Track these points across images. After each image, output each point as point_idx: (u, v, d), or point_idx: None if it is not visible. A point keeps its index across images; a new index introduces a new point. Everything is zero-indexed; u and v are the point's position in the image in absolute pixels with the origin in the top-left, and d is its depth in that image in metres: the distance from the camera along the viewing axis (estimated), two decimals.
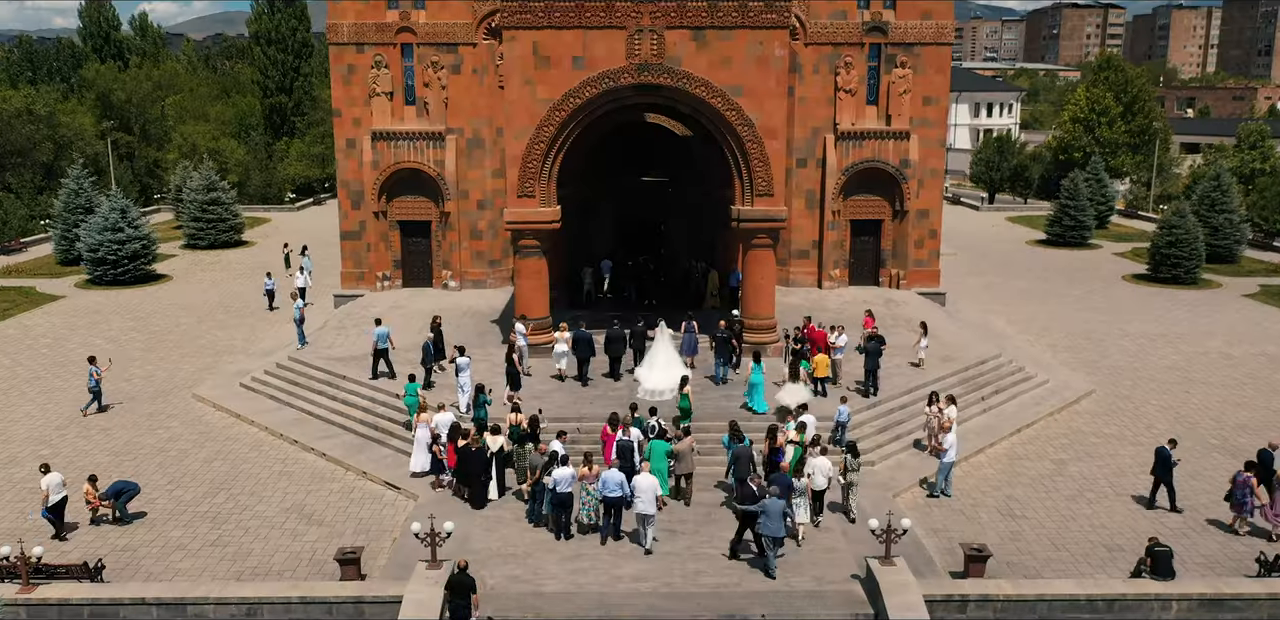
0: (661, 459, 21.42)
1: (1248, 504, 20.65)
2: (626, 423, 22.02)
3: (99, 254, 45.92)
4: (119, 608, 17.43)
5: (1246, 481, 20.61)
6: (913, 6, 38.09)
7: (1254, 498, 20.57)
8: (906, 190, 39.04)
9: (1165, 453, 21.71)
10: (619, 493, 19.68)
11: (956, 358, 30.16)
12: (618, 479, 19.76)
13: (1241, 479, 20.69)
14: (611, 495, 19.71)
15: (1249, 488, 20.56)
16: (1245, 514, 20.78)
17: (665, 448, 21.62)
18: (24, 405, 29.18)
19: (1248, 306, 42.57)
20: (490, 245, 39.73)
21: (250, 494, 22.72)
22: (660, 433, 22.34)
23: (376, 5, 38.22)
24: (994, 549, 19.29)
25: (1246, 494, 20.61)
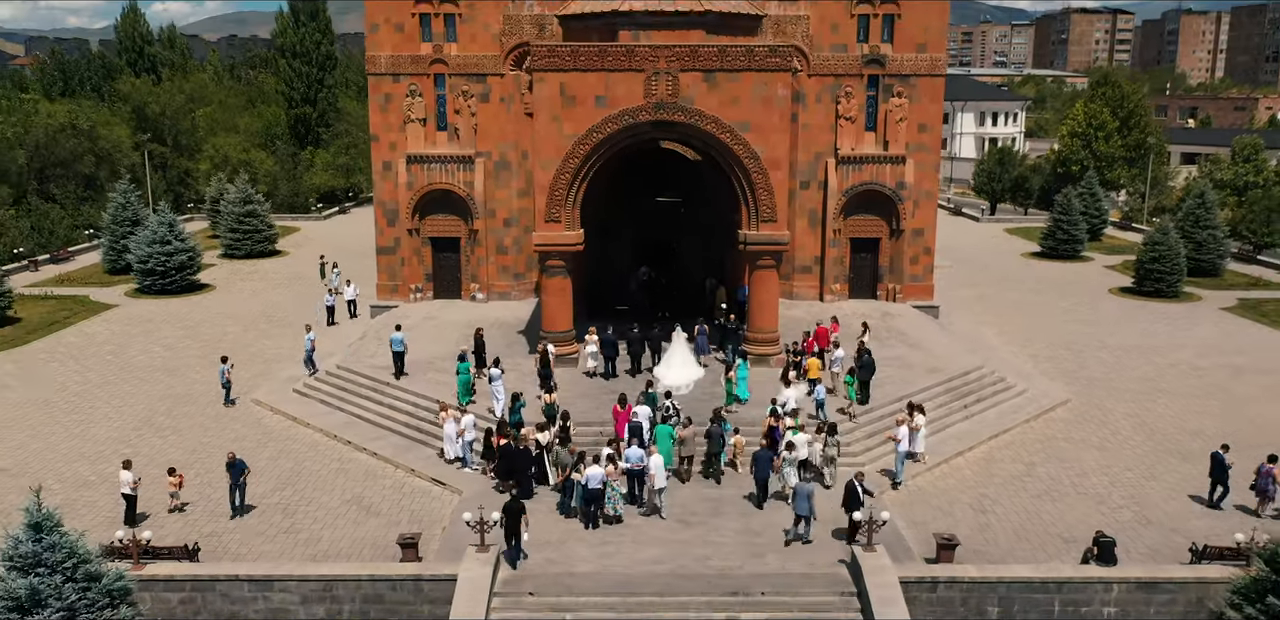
0: (666, 441, 25.08)
1: (1270, 491, 23.90)
2: (636, 403, 26.18)
3: (148, 265, 49.16)
4: (215, 583, 20.55)
5: (1270, 472, 23.90)
6: (908, 40, 41.05)
7: (1276, 486, 23.82)
8: (902, 211, 41.95)
9: (1220, 456, 24.75)
10: (641, 465, 23.62)
11: (943, 369, 33.10)
12: (638, 455, 23.82)
13: (1265, 469, 23.97)
14: (634, 468, 23.71)
15: (1272, 477, 23.88)
16: (1270, 499, 24.04)
17: (669, 431, 25.25)
18: (101, 408, 32.37)
19: (1224, 319, 45.41)
20: (515, 260, 42.80)
21: (314, 488, 25.86)
22: (673, 414, 26.08)
23: (412, 38, 41.34)
24: (964, 539, 22.27)
25: (1269, 482, 23.91)
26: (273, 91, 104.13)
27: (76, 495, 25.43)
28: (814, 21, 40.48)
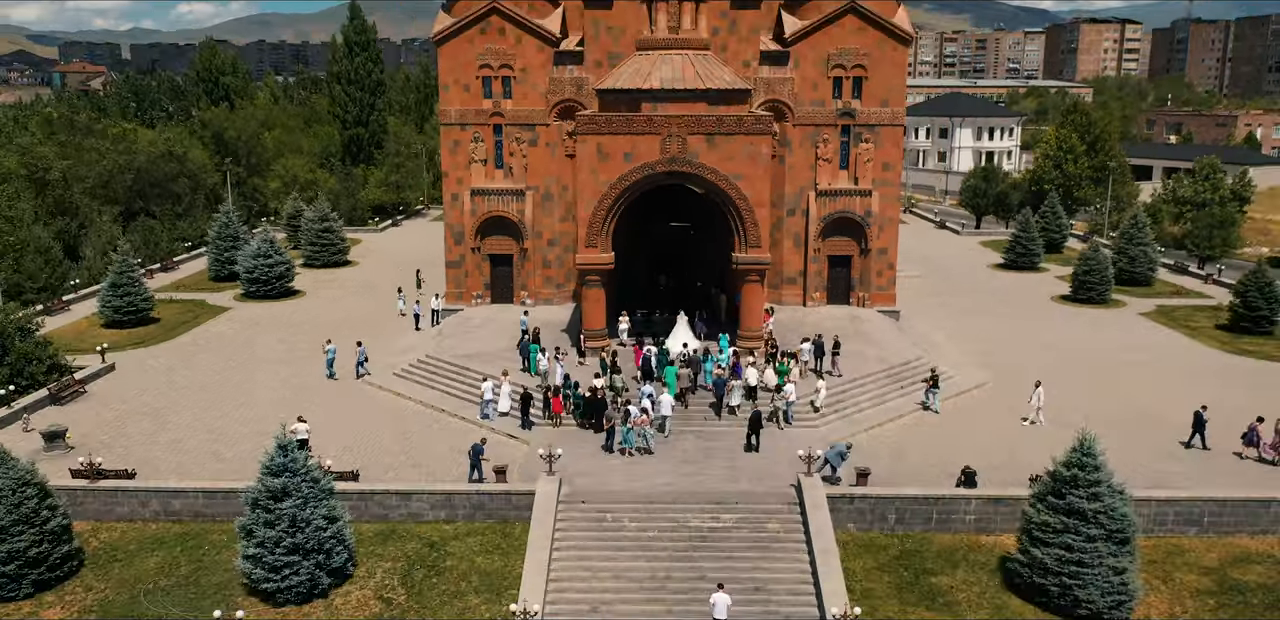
0: (672, 376, 37.23)
1: (1256, 442, 34.75)
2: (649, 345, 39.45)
3: (254, 275, 59.86)
4: (374, 495, 30.93)
5: (1255, 428, 34.85)
6: (874, 97, 51.11)
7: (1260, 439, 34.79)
8: (870, 234, 52.03)
9: (1199, 414, 35.80)
10: (654, 398, 35.33)
11: (888, 359, 43.25)
12: (649, 391, 35.90)
13: (1252, 426, 34.94)
14: (648, 396, 35.58)
15: (1256, 432, 34.79)
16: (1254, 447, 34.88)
17: (674, 370, 37.34)
18: (249, 387, 42.93)
19: (1137, 323, 55.28)
20: (557, 272, 53.15)
21: (425, 440, 36.26)
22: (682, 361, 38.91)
23: (475, 96, 51.71)
24: (879, 475, 32.39)
25: (1255, 436, 34.85)
26: (325, 112, 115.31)
27: (261, 442, 35.93)
28: (798, 82, 50.65)
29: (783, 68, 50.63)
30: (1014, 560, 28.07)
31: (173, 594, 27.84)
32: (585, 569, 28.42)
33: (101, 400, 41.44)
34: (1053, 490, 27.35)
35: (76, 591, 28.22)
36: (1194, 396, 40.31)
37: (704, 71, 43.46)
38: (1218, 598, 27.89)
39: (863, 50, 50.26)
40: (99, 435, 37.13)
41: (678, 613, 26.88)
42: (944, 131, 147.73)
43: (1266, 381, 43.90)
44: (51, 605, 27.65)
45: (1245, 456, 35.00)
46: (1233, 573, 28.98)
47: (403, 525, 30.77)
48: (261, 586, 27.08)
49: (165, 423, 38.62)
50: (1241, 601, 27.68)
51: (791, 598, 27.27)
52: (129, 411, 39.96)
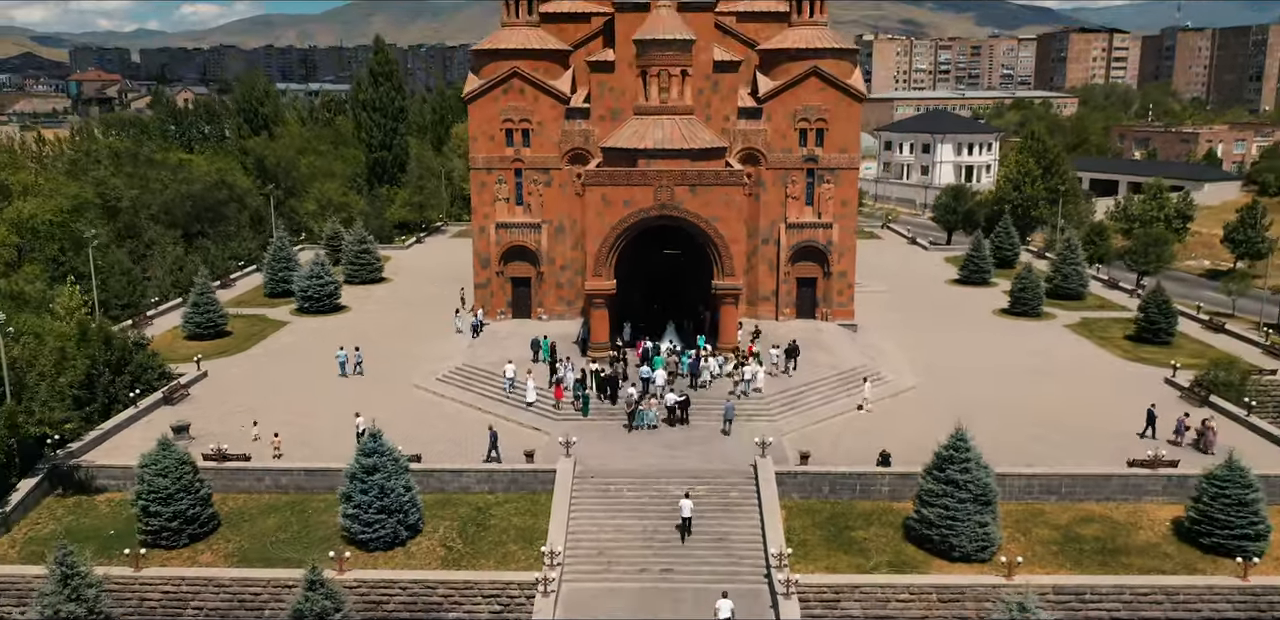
0: (659, 362, 47.75)
1: (1183, 432, 44.33)
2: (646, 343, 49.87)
3: (307, 293, 69.86)
4: (433, 473, 40.85)
5: (1183, 422, 44.49)
6: (834, 145, 60.95)
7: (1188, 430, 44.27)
8: (831, 259, 61.90)
9: (1151, 410, 45.20)
10: (648, 375, 46.21)
11: (838, 365, 53.13)
12: (646, 373, 46.58)
13: (1180, 420, 44.60)
14: (644, 377, 46.24)
15: (1184, 425, 44.47)
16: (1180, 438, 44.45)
17: (661, 361, 47.75)
18: (319, 391, 52.87)
19: (1061, 334, 65.08)
20: (568, 292, 63.08)
21: (467, 432, 46.18)
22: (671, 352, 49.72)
23: (499, 144, 61.62)
24: (820, 458, 42.25)
25: (1183, 428, 44.41)
26: (350, 134, 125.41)
27: (334, 432, 45.89)
28: (770, 133, 60.57)
29: (757, 121, 60.59)
30: (910, 518, 37.98)
31: (291, 543, 37.88)
32: (594, 525, 38.39)
33: (203, 401, 51.48)
34: (936, 465, 37.24)
35: (218, 543, 38.26)
36: (1087, 395, 50.38)
37: (688, 133, 53.41)
38: (1060, 546, 37.80)
39: (824, 106, 60.19)
40: (210, 428, 47.09)
41: (661, 552, 36.84)
42: (926, 147, 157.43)
43: (1149, 384, 53.65)
44: (203, 552, 37.69)
45: (1181, 444, 44.56)
46: (1076, 529, 38.88)
47: (456, 495, 40.75)
48: (358, 537, 37.07)
49: (258, 417, 48.54)
50: (1076, 549, 37.59)
51: (745, 544, 37.23)
52: (228, 410, 49.95)
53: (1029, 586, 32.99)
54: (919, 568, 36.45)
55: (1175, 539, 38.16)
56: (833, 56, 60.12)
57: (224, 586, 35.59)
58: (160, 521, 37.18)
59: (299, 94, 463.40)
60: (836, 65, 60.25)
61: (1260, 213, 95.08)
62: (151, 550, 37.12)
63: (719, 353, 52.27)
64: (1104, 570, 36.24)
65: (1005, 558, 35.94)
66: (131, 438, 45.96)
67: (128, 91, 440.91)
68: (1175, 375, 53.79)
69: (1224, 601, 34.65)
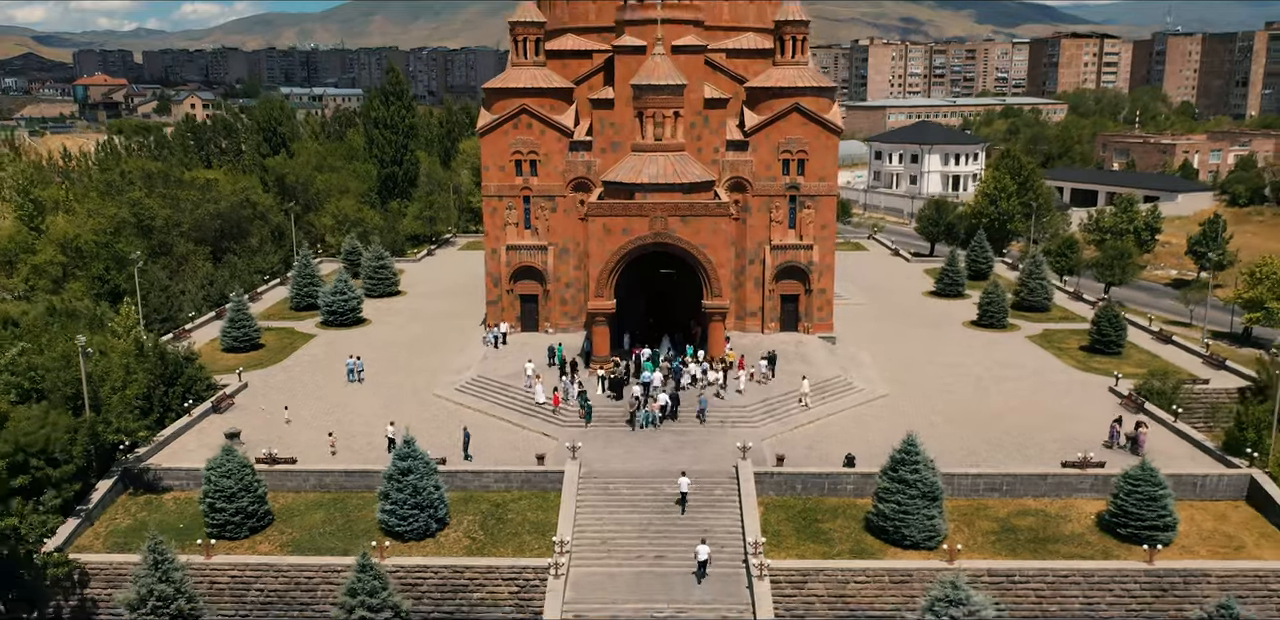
0: (650, 366, 53.52)
1: (1116, 438, 49.95)
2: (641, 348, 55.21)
3: (332, 307, 75.94)
4: (458, 473, 46.91)
5: (1115, 429, 50.16)
6: (813, 174, 66.97)
7: (1119, 435, 49.92)
8: (812, 278, 67.93)
9: (1115, 424, 50.82)
10: (648, 380, 51.87)
11: (814, 376, 59.16)
12: (647, 377, 52.32)
13: (1113, 427, 50.25)
14: (644, 382, 51.95)
15: (1117, 431, 50.04)
16: (1114, 442, 50.08)
17: (653, 366, 53.68)
18: (351, 398, 58.96)
19: (1023, 345, 71.09)
20: (572, 308, 69.13)
21: (485, 438, 52.27)
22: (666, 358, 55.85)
23: (509, 174, 67.66)
24: (794, 460, 48.33)
25: (1116, 434, 50.05)
26: (361, 149, 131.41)
27: (368, 437, 51.95)
28: (756, 163, 66.59)
29: (744, 152, 66.64)
30: (870, 512, 44.05)
31: (336, 535, 44.00)
32: (596, 519, 44.49)
33: (247, 409, 57.59)
34: (891, 467, 43.31)
35: (273, 534, 44.38)
36: (1037, 403, 56.58)
37: (680, 169, 59.49)
38: (999, 535, 43.90)
39: (805, 139, 66.24)
40: (256, 434, 53.19)
41: (655, 542, 42.97)
42: (915, 157, 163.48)
43: (1095, 393, 59.71)
44: (261, 542, 43.79)
45: (1114, 447, 50.53)
46: (1013, 521, 44.97)
47: (477, 493, 46.84)
48: (395, 529, 43.18)
49: (299, 424, 54.68)
50: (1012, 538, 43.68)
51: (727, 535, 43.34)
52: (271, 417, 56.06)
53: (965, 570, 39.14)
54: (875, 554, 42.53)
55: (1098, 530, 44.21)
56: (813, 94, 66.12)
57: (282, 572, 41.68)
58: (225, 516, 43.29)
59: (302, 97, 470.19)
60: (816, 102, 66.26)
61: (1221, 226, 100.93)
62: (218, 541, 43.18)
63: (704, 362, 58.45)
64: (1034, 556, 42.33)
65: (949, 546, 42.00)
66: (188, 443, 52.12)
67: (134, 96, 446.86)
68: (1118, 384, 59.83)
69: (1132, 582, 40.73)
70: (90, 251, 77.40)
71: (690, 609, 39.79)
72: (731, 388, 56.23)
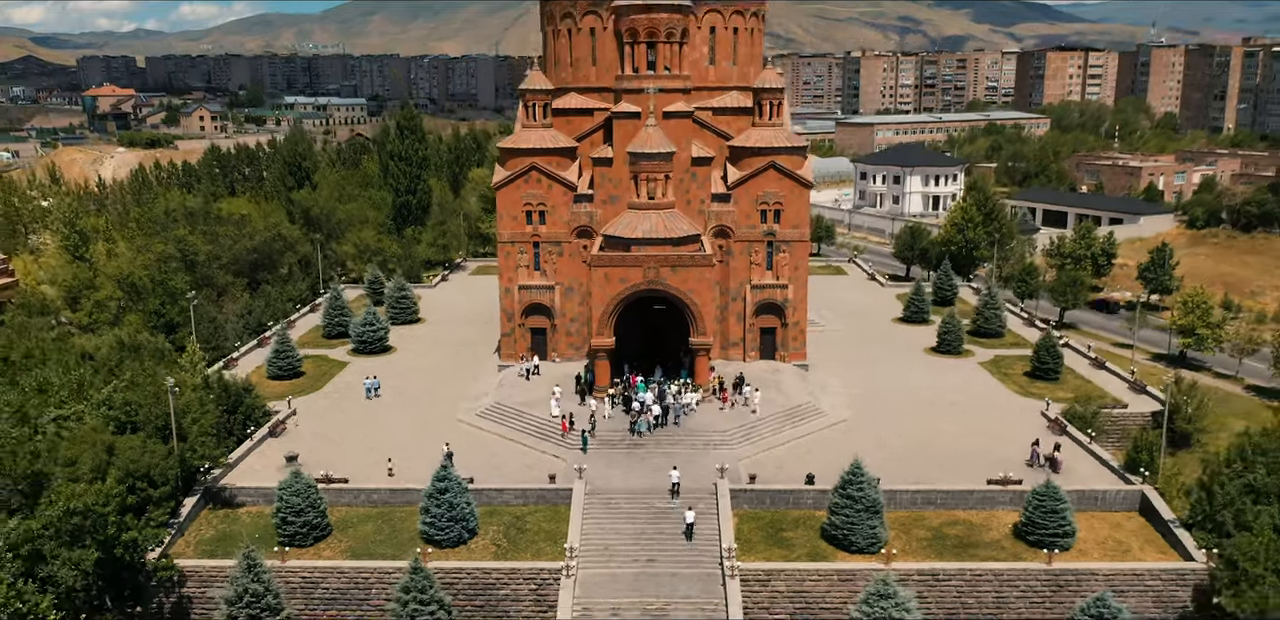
0: (643, 388, 62.99)
1: (1037, 457, 59.12)
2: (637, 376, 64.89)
3: (362, 337, 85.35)
4: (483, 490, 56.28)
5: (1035, 450, 59.31)
6: (788, 222, 76.35)
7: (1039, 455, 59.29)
8: (787, 313, 77.36)
9: (1035, 446, 59.98)
10: (642, 398, 62.19)
11: (787, 403, 68.56)
12: (641, 396, 62.53)
13: (1033, 449, 59.44)
14: (640, 399, 62.33)
15: (1036, 453, 59.18)
16: (1035, 462, 59.29)
17: (644, 387, 62.87)
18: (391, 421, 68.34)
19: (975, 371, 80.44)
20: (575, 340, 78.50)
21: (503, 459, 61.66)
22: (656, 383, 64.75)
23: (520, 222, 76.99)
24: (765, 478, 57.71)
25: (1036, 455, 59.22)
26: (376, 176, 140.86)
27: (407, 458, 61.27)
28: (737, 213, 75.99)
29: (727, 204, 76.06)
30: (825, 523, 53.44)
31: (384, 543, 53.42)
32: (599, 528, 53.91)
33: (299, 434, 67.00)
34: (841, 486, 52.71)
35: (333, 543, 53.79)
36: (979, 426, 65.91)
37: (670, 225, 68.93)
38: (931, 542, 53.33)
39: (780, 192, 75.64)
40: (310, 456, 62.57)
41: (647, 548, 52.43)
42: (897, 178, 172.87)
43: (1030, 417, 69.05)
44: (324, 549, 53.21)
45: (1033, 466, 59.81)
46: (944, 529, 54.40)
47: (500, 507, 56.24)
48: (434, 538, 52.59)
49: (345, 446, 64.06)
50: (941, 544, 53.11)
51: (707, 542, 52.78)
52: (321, 441, 65.45)
53: (898, 570, 48.58)
54: (828, 558, 51.93)
55: (1012, 537, 53.61)
56: (787, 153, 75.50)
57: (344, 573, 51.09)
58: (294, 528, 52.69)
59: (307, 106, 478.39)
60: (790, 159, 75.63)
61: (1168, 254, 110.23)
62: (289, 548, 52.56)
63: (687, 386, 68.19)
64: (957, 559, 51.75)
65: (887, 550, 51.41)
66: (253, 464, 61.57)
67: (142, 106, 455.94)
68: (1048, 408, 69.23)
69: (1034, 580, 50.16)
70: (145, 288, 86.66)
71: (676, 603, 49.20)
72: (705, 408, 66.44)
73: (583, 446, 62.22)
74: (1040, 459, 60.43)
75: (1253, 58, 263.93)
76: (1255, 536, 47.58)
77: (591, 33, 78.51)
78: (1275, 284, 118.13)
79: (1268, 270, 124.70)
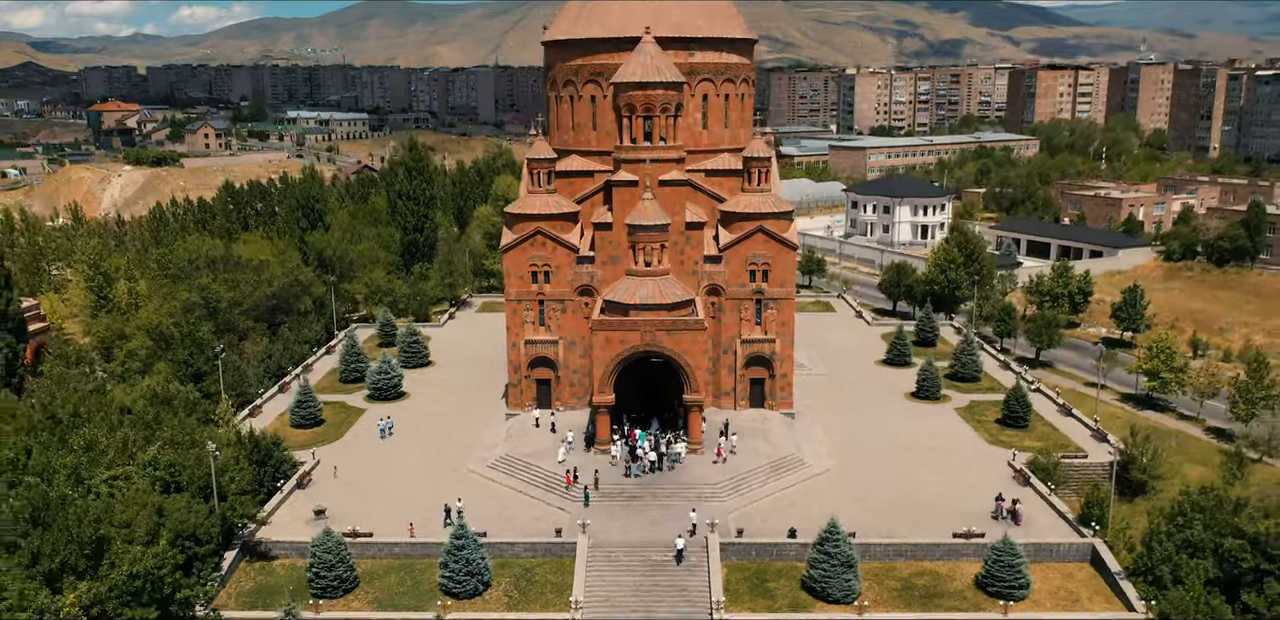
0: (643, 437, 69.14)
1: (1000, 510, 64.88)
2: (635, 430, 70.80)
3: (377, 385, 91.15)
4: (495, 544, 62.08)
5: (1000, 503, 65.10)
6: (775, 282, 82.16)
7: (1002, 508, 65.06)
8: (774, 366, 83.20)
9: (998, 500, 65.75)
10: (641, 447, 68.19)
11: (773, 455, 74.32)
12: (639, 443, 69.00)
13: (997, 502, 65.12)
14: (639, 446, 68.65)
15: (1000, 507, 64.87)
16: (999, 514, 65.04)
17: (644, 436, 69.11)
18: (409, 473, 74.08)
19: (950, 418, 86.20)
20: (578, 390, 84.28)
21: (514, 512, 67.39)
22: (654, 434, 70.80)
23: (526, 281, 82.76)
24: (752, 531, 63.47)
25: (1000, 508, 64.94)
26: (385, 211, 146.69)
27: (424, 509, 66.96)
28: (728, 273, 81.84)
29: (719, 265, 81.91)
30: (804, 575, 59.22)
31: (408, 594, 59.18)
32: (600, 580, 59.68)
33: (324, 484, 72.75)
34: (818, 542, 58.49)
35: (361, 594, 59.56)
36: (951, 477, 71.60)
37: (665, 291, 74.77)
38: (900, 592, 59.11)
39: (767, 254, 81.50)
40: (335, 508, 68.26)
41: (645, 599, 58.19)
42: (887, 208, 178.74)
43: (998, 466, 74.75)
44: (352, 600, 58.97)
45: (998, 517, 65.60)
46: (913, 580, 60.19)
47: (511, 559, 61.98)
48: (452, 591, 58.34)
49: (367, 497, 69.76)
50: (910, 594, 58.89)
51: (698, 593, 58.56)
52: (344, 492, 71.15)
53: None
54: (807, 608, 57.70)
55: (974, 587, 59.37)
56: (774, 218, 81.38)
57: None
58: (325, 581, 58.46)
59: (309, 121, 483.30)
60: (776, 223, 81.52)
61: (1140, 294, 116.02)
62: (322, 601, 58.31)
63: (678, 437, 74.56)
64: (924, 609, 57.51)
65: (860, 601, 57.18)
66: (283, 516, 67.32)
67: (146, 121, 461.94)
68: (1014, 459, 75.01)
69: None
70: (174, 338, 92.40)
71: None
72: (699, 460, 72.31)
73: (585, 501, 67.96)
74: (1003, 512, 66.14)
75: (1236, 81, 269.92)
76: (1187, 590, 53.42)
77: (592, 100, 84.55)
78: (1242, 320, 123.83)
79: (1237, 305, 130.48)
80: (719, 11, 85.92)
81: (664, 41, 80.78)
